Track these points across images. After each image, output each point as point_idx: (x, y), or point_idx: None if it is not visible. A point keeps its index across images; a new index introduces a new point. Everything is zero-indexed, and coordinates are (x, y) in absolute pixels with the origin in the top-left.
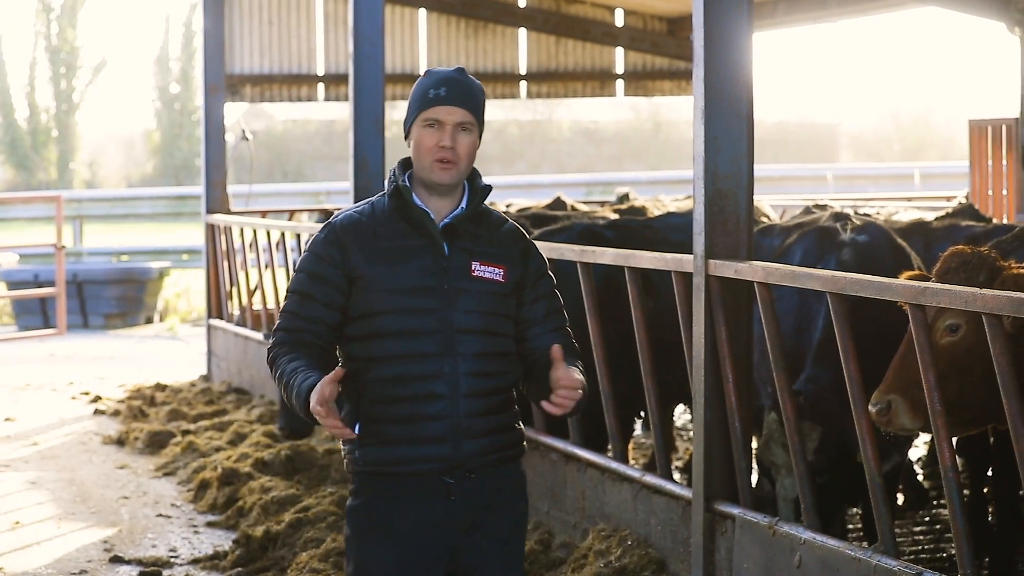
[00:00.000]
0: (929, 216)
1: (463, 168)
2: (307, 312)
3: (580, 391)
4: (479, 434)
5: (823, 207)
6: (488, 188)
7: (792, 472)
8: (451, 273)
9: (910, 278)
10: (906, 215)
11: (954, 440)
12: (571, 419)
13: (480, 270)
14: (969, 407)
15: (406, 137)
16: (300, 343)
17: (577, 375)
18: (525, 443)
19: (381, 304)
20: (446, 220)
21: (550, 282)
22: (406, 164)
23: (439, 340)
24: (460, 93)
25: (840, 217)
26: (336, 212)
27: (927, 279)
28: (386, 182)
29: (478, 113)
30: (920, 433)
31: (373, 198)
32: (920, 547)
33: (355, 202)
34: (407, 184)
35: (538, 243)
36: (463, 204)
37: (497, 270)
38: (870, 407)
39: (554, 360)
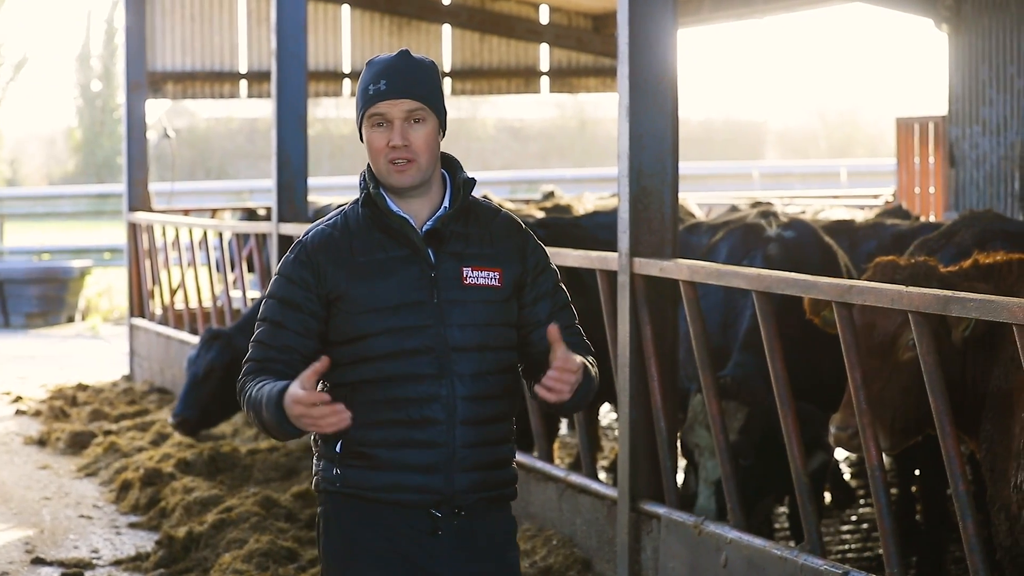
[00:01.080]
0: (856, 215)
1: (424, 164)
2: (279, 342)
3: (574, 374)
4: (473, 467)
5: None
6: (472, 181)
7: (715, 455)
8: (440, 284)
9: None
10: (832, 213)
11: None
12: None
13: (473, 276)
14: (930, 421)
15: (361, 139)
16: (271, 372)
17: (577, 358)
18: (517, 486)
19: (367, 326)
20: (428, 224)
21: (552, 276)
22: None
23: (434, 360)
24: (403, 81)
25: (767, 214)
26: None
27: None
28: (359, 189)
29: (430, 97)
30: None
31: (346, 207)
32: (847, 546)
33: (278, 200)
34: (378, 190)
35: None
36: (445, 203)
37: (492, 274)
38: (837, 431)
39: (551, 342)
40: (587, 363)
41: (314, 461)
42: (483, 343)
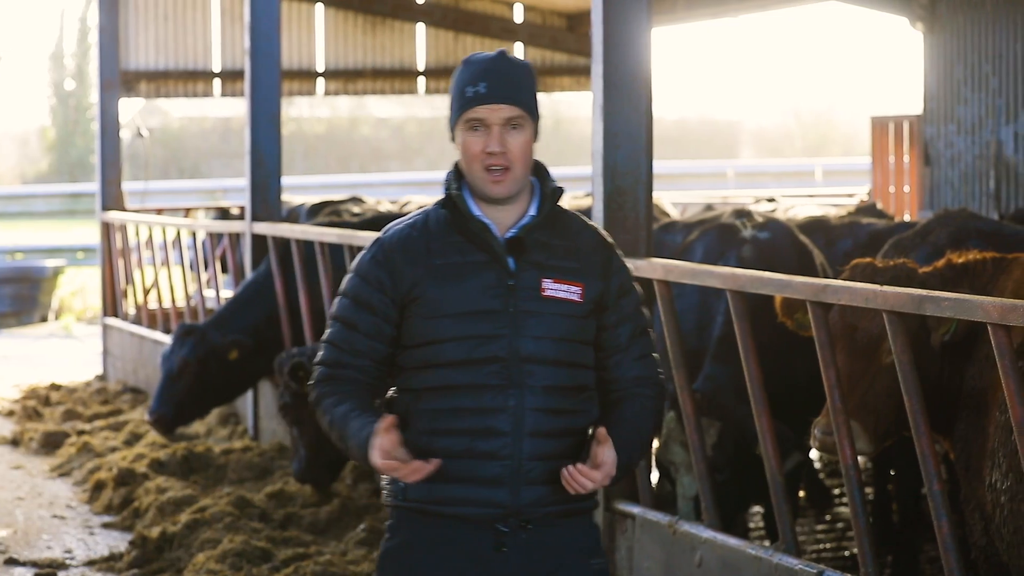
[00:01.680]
0: (828, 212)
1: (519, 173)
2: (351, 345)
3: (595, 481)
4: (541, 480)
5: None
6: (560, 190)
7: (691, 470)
8: (518, 293)
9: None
10: (803, 211)
11: None
12: None
13: (552, 289)
14: (908, 422)
15: (452, 139)
16: (344, 380)
17: (606, 466)
18: (597, 495)
19: (437, 331)
20: (512, 231)
21: (635, 299)
22: (461, 169)
23: (504, 370)
24: (503, 86)
25: (742, 214)
26: (298, 206)
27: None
28: (444, 189)
29: (528, 104)
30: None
31: (428, 207)
32: (822, 545)
33: (251, 199)
34: (460, 192)
35: None
36: (532, 211)
37: (573, 288)
38: (820, 434)
39: (598, 441)
40: (635, 440)
41: (382, 476)
42: (557, 357)
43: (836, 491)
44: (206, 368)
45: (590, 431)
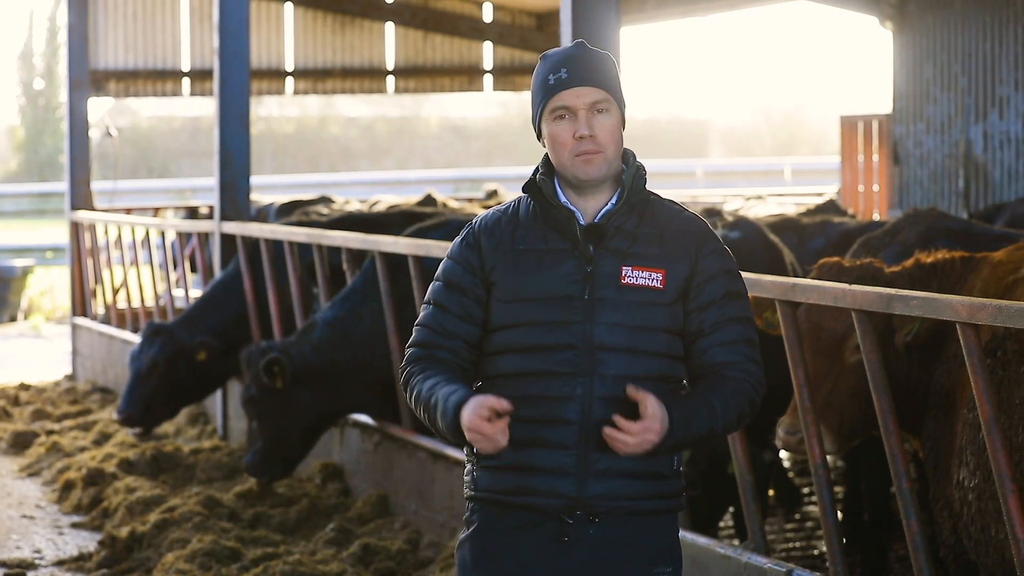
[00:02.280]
0: (790, 210)
1: (611, 155)
2: (442, 326)
3: (629, 443)
4: (611, 474)
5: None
6: (642, 177)
7: None
8: (596, 280)
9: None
10: (764, 208)
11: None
12: None
13: (632, 276)
14: (875, 422)
15: (538, 137)
16: (435, 360)
17: (646, 420)
18: (683, 496)
19: (511, 316)
20: (595, 219)
21: (726, 284)
22: (550, 161)
23: (575, 358)
24: (585, 70)
25: (712, 213)
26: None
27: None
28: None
29: (613, 87)
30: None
31: (523, 195)
32: (791, 544)
33: (220, 198)
34: (544, 178)
35: (414, 240)
36: (614, 198)
37: (655, 275)
38: (785, 435)
39: (640, 399)
40: (697, 410)
41: (467, 466)
42: (633, 345)
43: (805, 490)
44: (175, 368)
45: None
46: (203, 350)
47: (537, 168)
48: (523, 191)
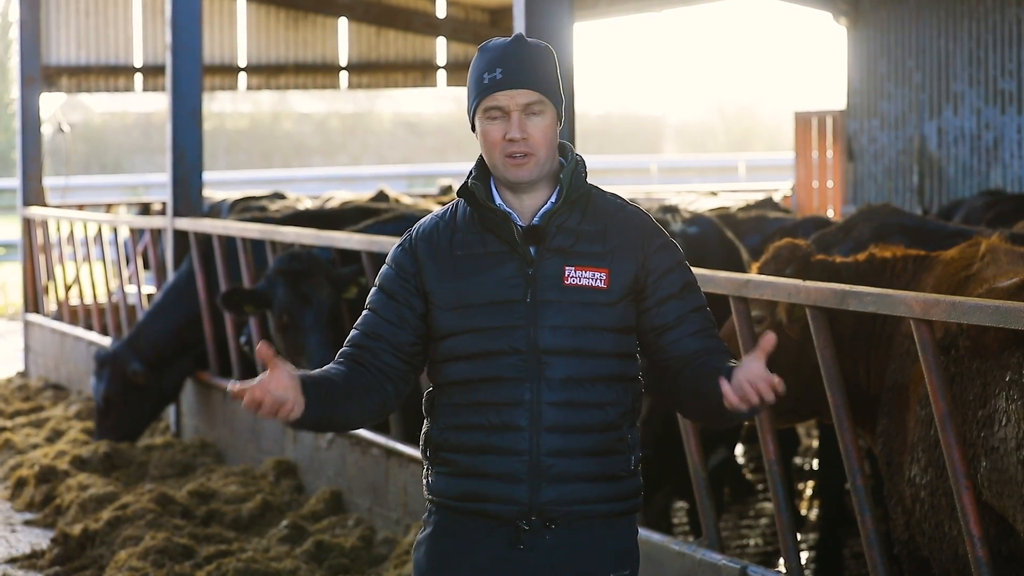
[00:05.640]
0: (731, 206)
1: (543, 158)
2: (371, 328)
3: (767, 383)
4: (565, 478)
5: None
6: (581, 172)
7: None
8: (539, 283)
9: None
10: (704, 203)
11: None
12: (392, 415)
13: (575, 276)
14: (811, 405)
15: (473, 129)
16: (351, 357)
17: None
18: (641, 496)
19: (453, 324)
20: (535, 220)
21: (682, 276)
22: (484, 163)
23: (521, 363)
24: (520, 71)
25: (670, 209)
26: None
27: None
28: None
29: (548, 87)
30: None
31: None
32: (746, 541)
33: (173, 195)
34: (478, 182)
35: (368, 236)
36: (553, 197)
37: (598, 275)
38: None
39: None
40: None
41: (424, 468)
42: (579, 347)
43: (760, 486)
44: (127, 396)
45: (721, 384)
46: (138, 378)
47: (471, 171)
48: (458, 195)
